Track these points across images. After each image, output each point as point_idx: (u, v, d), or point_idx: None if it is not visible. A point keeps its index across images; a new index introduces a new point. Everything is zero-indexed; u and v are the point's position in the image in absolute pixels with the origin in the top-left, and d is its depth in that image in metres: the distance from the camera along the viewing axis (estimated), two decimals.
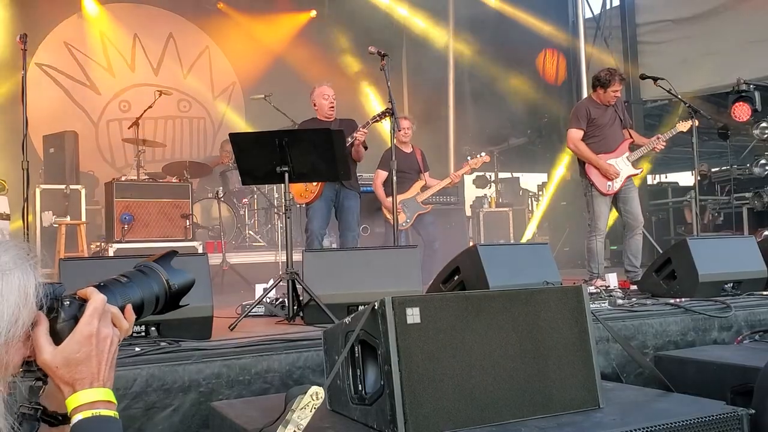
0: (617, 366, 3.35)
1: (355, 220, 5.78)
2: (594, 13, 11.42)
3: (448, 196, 8.44)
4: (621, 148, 5.86)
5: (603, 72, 5.90)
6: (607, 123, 5.87)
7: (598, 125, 5.86)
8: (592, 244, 5.85)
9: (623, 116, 5.98)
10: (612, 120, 5.90)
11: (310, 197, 5.64)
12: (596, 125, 5.86)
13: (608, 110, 5.89)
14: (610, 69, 5.99)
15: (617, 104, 5.97)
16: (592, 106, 5.90)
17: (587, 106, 5.92)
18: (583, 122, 5.86)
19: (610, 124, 5.89)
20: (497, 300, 2.05)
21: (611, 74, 5.81)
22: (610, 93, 5.78)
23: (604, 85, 5.78)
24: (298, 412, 1.68)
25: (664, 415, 1.93)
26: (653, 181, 13.01)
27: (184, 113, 10.60)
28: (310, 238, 5.64)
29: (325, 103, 5.76)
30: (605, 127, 5.87)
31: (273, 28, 10.48)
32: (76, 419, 1.09)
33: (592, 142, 5.86)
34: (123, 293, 1.23)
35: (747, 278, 4.42)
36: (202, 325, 3.11)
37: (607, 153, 5.82)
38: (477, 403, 1.92)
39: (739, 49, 9.20)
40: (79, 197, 6.64)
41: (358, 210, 5.81)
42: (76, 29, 9.87)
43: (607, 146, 5.85)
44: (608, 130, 5.88)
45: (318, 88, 5.86)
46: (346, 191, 5.73)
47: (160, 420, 2.55)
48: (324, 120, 5.74)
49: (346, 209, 5.74)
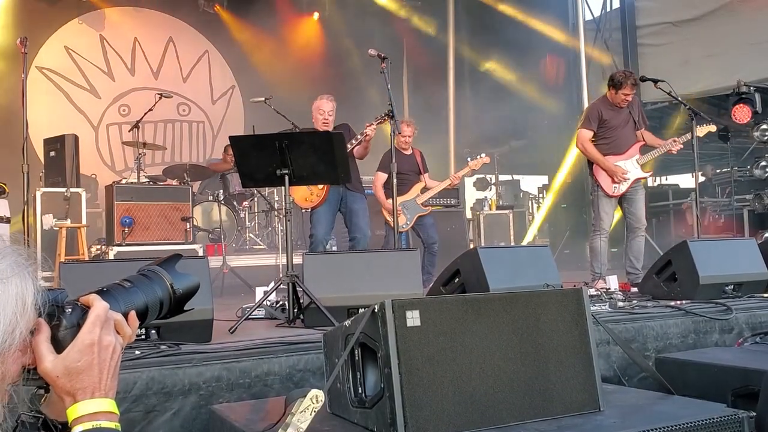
0: (618, 368, 3.34)
1: (365, 223, 5.72)
2: (594, 15, 11.43)
3: (448, 199, 8.44)
4: (631, 150, 5.85)
5: (618, 73, 5.87)
6: (619, 125, 5.85)
7: (610, 127, 5.84)
8: (595, 243, 5.84)
9: (638, 118, 5.94)
10: (625, 122, 5.88)
11: (316, 201, 5.61)
12: (608, 126, 5.84)
13: (622, 112, 5.87)
14: (626, 71, 5.95)
15: (633, 105, 5.93)
16: (604, 107, 5.88)
17: (599, 108, 5.90)
18: (594, 123, 5.84)
19: (623, 126, 5.87)
20: (497, 302, 2.04)
21: (625, 77, 5.75)
22: (621, 95, 5.76)
23: (616, 87, 5.76)
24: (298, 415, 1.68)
25: (664, 418, 1.92)
26: (654, 183, 13.01)
27: (183, 117, 10.61)
28: (314, 244, 5.58)
29: (319, 118, 5.72)
30: (617, 128, 5.85)
31: (272, 32, 10.48)
32: (76, 431, 1.07)
33: (603, 143, 5.85)
34: (126, 299, 1.20)
35: (748, 280, 4.42)
36: (202, 328, 3.11)
37: (616, 155, 5.81)
38: (477, 406, 1.91)
39: (739, 52, 9.20)
40: (79, 200, 6.63)
41: (367, 212, 5.77)
42: (77, 33, 9.89)
43: (617, 148, 5.83)
44: (620, 132, 5.85)
45: (317, 101, 5.81)
46: (351, 194, 5.70)
47: (160, 423, 2.55)
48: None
49: (354, 212, 5.70)
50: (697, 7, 9.87)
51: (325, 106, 5.74)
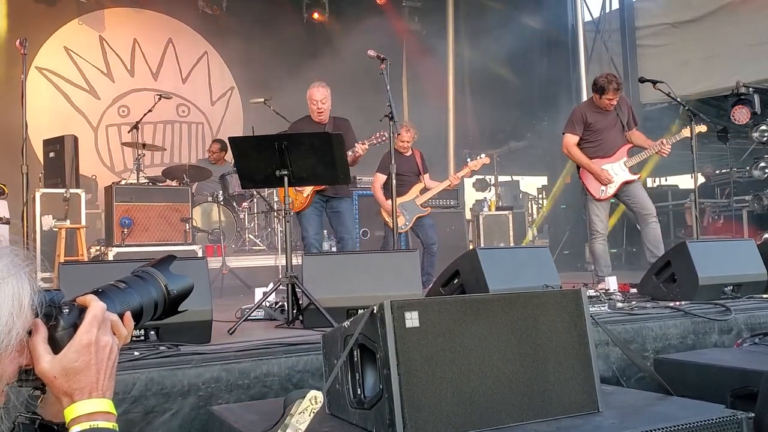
0: (617, 369, 3.34)
1: (351, 223, 5.74)
2: (593, 16, 11.44)
3: (448, 200, 8.43)
4: (619, 153, 5.83)
5: (601, 78, 5.81)
6: (605, 127, 5.82)
7: (596, 130, 5.82)
8: (593, 247, 5.84)
9: (627, 119, 5.91)
10: (612, 124, 5.85)
11: (300, 207, 5.59)
12: (593, 130, 5.82)
13: (609, 114, 5.84)
14: (608, 75, 5.85)
15: (622, 106, 5.89)
16: (589, 111, 5.87)
17: (584, 111, 5.89)
18: (578, 127, 5.83)
19: (609, 129, 5.84)
20: (496, 303, 2.04)
21: (608, 81, 5.69)
22: (605, 100, 5.75)
23: (599, 92, 5.75)
24: (297, 416, 1.67)
25: (663, 419, 1.92)
26: (653, 184, 13.01)
27: (182, 118, 10.61)
28: (306, 246, 5.60)
29: (313, 108, 5.70)
30: (603, 131, 5.82)
31: (272, 33, 10.48)
32: (73, 431, 1.07)
33: (589, 147, 5.83)
34: (122, 300, 1.21)
35: (747, 281, 4.41)
36: (201, 329, 3.11)
37: (602, 158, 5.79)
38: (476, 407, 1.91)
39: (738, 53, 9.21)
40: (78, 201, 6.62)
41: (352, 212, 5.76)
42: (77, 34, 9.88)
43: (603, 151, 5.81)
44: (606, 135, 5.83)
45: (309, 89, 5.75)
46: (336, 200, 5.69)
47: (159, 424, 2.55)
48: (316, 122, 5.70)
49: (340, 213, 5.70)
50: (697, 9, 9.89)
51: (316, 94, 5.67)
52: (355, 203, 8.16)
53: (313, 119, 5.73)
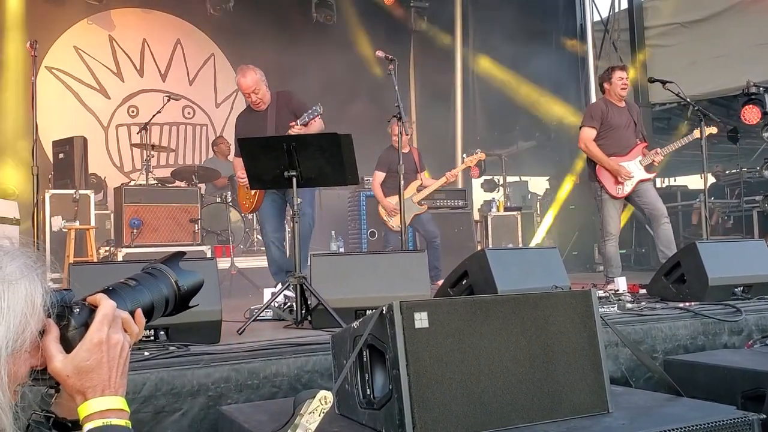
0: (626, 370, 3.33)
1: (307, 203, 5.20)
2: (602, 16, 11.41)
3: (456, 200, 8.43)
4: (634, 151, 5.81)
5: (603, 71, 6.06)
6: (621, 125, 5.80)
7: (612, 126, 5.79)
8: (606, 249, 5.80)
9: (638, 122, 5.93)
10: (627, 122, 5.83)
11: (250, 207, 5.44)
12: (610, 126, 5.79)
13: (623, 112, 5.84)
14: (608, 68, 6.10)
15: (632, 110, 5.92)
16: (606, 106, 5.86)
17: (602, 106, 5.88)
18: (596, 121, 5.78)
19: (625, 127, 5.82)
20: (505, 304, 2.04)
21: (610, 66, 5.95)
22: (616, 82, 5.75)
23: (608, 79, 5.80)
24: (307, 416, 1.68)
25: (673, 420, 1.91)
26: (662, 185, 12.97)
27: (188, 120, 10.64)
28: (265, 244, 5.41)
29: (247, 100, 5.47)
30: (619, 128, 5.80)
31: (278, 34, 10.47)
32: (86, 428, 1.08)
33: (605, 143, 5.78)
34: (132, 297, 1.22)
35: (757, 282, 4.38)
36: (210, 329, 3.12)
37: (619, 155, 5.75)
38: (485, 408, 1.91)
39: (748, 52, 9.16)
40: (88, 202, 6.66)
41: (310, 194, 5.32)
42: (86, 34, 9.92)
43: (619, 148, 5.78)
44: (622, 132, 5.80)
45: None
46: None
47: (169, 424, 2.56)
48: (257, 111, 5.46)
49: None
50: (706, 8, 9.84)
51: (242, 86, 5.34)
52: (362, 204, 8.18)
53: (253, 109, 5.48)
